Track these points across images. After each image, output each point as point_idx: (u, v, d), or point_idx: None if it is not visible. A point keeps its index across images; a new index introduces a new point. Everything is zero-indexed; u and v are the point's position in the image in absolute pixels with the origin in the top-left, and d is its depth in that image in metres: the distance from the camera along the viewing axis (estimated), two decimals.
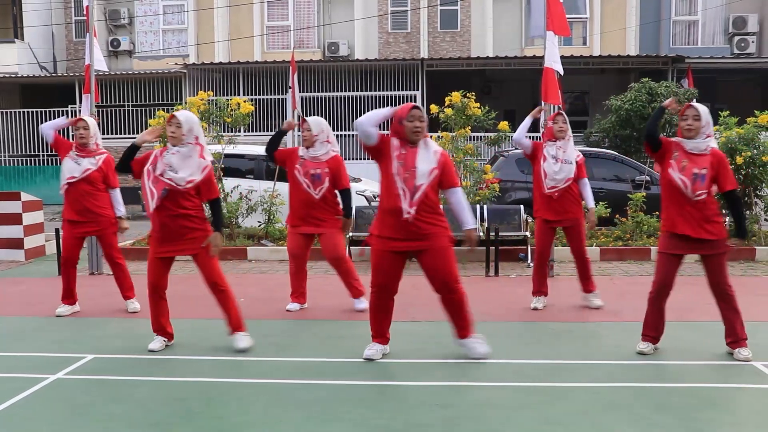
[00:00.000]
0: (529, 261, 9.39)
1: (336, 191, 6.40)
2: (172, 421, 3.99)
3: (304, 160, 6.35)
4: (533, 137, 7.70)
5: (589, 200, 6.69)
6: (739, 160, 9.62)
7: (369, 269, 5.17)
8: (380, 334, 5.15)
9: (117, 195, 6.79)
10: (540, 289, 6.75)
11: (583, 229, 6.66)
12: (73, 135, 6.68)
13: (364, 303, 6.38)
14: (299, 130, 6.68)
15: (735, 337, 5.17)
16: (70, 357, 5.21)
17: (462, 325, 5.10)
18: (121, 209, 6.78)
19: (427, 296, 7.40)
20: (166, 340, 5.44)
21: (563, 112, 6.75)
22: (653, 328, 5.24)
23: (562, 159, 6.49)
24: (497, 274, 8.58)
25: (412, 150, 4.84)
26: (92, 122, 6.66)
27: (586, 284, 6.76)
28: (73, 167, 6.49)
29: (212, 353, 5.33)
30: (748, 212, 10.33)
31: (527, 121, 6.87)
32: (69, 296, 6.66)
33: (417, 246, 4.89)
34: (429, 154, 4.85)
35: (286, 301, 7.16)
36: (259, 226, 10.73)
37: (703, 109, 4.96)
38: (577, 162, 6.55)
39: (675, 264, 5.13)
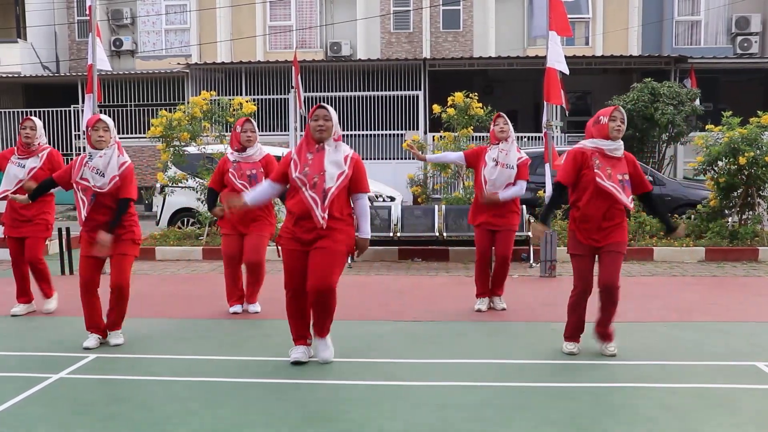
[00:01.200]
0: (531, 261, 9.38)
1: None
2: (174, 420, 3.99)
3: (238, 163, 6.39)
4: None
5: (505, 195, 6.47)
6: (742, 160, 9.61)
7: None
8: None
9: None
10: (484, 291, 6.69)
11: (513, 236, 6.60)
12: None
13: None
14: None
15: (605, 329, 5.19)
16: (72, 356, 5.21)
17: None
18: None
19: (428, 297, 7.42)
20: (100, 337, 5.51)
21: (504, 114, 6.70)
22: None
23: (503, 163, 6.43)
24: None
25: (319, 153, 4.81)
26: (38, 123, 6.60)
27: (499, 288, 6.71)
28: (17, 171, 6.42)
29: (214, 353, 5.33)
30: (750, 213, 10.32)
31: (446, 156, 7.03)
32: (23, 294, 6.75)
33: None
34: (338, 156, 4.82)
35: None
36: None
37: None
38: (518, 165, 6.48)
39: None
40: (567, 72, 8.37)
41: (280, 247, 4.95)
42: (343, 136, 11.58)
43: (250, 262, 6.51)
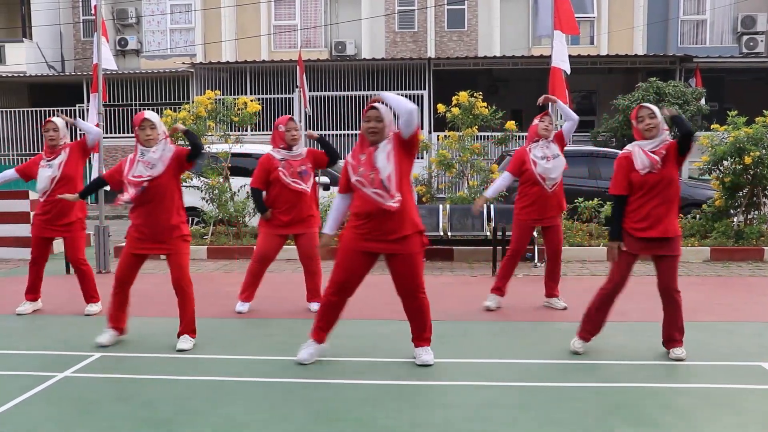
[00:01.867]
0: (536, 261, 9.37)
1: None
2: (179, 419, 4.00)
3: (286, 161, 6.34)
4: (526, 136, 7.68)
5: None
6: (748, 160, 9.57)
7: None
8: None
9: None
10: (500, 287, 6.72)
11: (561, 227, 6.73)
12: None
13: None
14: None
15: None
16: (77, 355, 5.23)
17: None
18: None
19: (431, 296, 7.40)
20: (116, 334, 5.53)
21: (551, 113, 6.71)
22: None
23: (550, 156, 6.46)
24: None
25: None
26: (61, 123, 6.59)
27: (554, 288, 6.75)
28: (47, 171, 6.46)
29: (218, 352, 5.34)
30: (756, 212, 10.28)
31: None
32: (33, 291, 6.75)
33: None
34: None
35: (293, 299, 7.18)
36: None
37: (655, 108, 4.98)
38: (555, 135, 6.54)
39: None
40: (569, 71, 8.36)
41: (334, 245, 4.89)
42: (347, 135, 11.63)
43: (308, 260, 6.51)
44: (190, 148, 5.26)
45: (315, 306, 6.52)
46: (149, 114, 5.28)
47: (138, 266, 5.50)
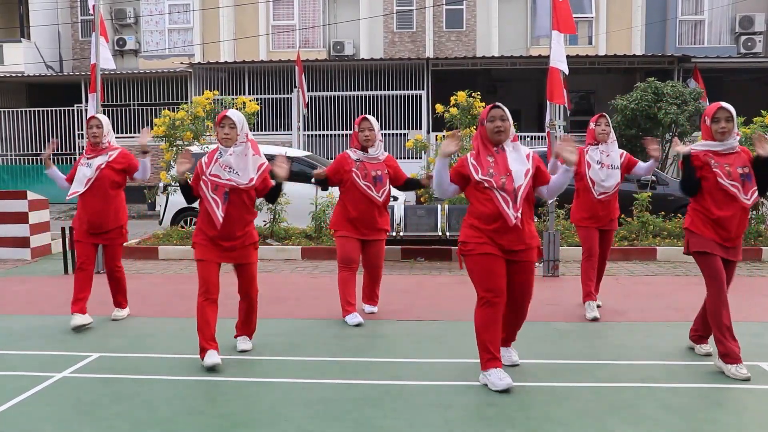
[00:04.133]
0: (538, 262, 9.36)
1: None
2: (177, 419, 4.00)
3: (362, 162, 6.11)
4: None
5: (646, 170, 6.39)
6: None
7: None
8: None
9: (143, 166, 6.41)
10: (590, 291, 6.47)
11: (612, 236, 6.57)
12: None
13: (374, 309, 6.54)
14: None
15: None
16: (75, 356, 5.22)
17: None
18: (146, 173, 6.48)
19: (431, 296, 7.41)
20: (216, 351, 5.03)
21: (606, 115, 6.43)
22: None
23: (608, 164, 6.24)
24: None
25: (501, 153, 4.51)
26: (104, 119, 6.32)
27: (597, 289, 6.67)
28: (86, 170, 6.13)
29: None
30: (754, 212, 10.29)
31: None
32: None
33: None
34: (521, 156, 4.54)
35: (291, 300, 7.18)
36: (265, 225, 10.74)
37: (732, 108, 4.84)
38: (622, 161, 6.33)
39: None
40: (566, 72, 8.36)
41: (463, 256, 4.62)
42: (346, 135, 11.55)
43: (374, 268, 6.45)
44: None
45: (370, 308, 6.52)
46: (232, 113, 4.97)
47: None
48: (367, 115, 6.19)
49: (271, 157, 5.38)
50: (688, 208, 5.05)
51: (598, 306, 6.55)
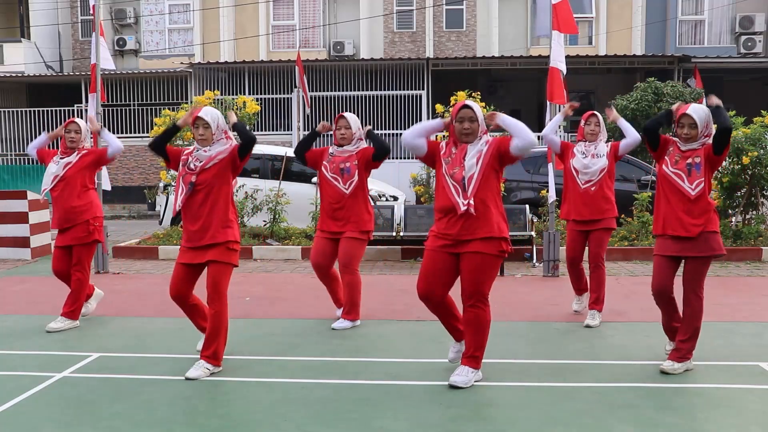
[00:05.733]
0: (534, 261, 9.37)
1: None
2: (177, 419, 4.00)
3: (333, 156, 6.04)
4: (538, 137, 7.66)
5: (627, 140, 6.18)
6: (746, 160, 9.58)
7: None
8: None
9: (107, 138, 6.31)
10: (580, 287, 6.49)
11: (607, 236, 6.29)
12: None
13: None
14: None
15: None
16: (75, 355, 5.22)
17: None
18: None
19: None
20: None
21: (597, 113, 6.33)
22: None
23: (593, 153, 6.11)
24: (502, 273, 8.56)
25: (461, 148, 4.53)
26: (83, 124, 6.29)
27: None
28: (54, 168, 6.13)
29: None
30: (754, 212, 10.29)
31: (558, 118, 6.58)
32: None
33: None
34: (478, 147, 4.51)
35: (291, 300, 7.18)
36: (265, 225, 10.74)
37: (699, 115, 4.77)
38: (608, 151, 6.16)
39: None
40: (564, 72, 8.36)
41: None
42: None
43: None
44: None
45: (339, 313, 6.20)
46: (204, 112, 4.79)
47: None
48: (345, 113, 6.11)
49: (272, 158, 5.36)
50: None
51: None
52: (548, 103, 8.58)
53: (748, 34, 20.60)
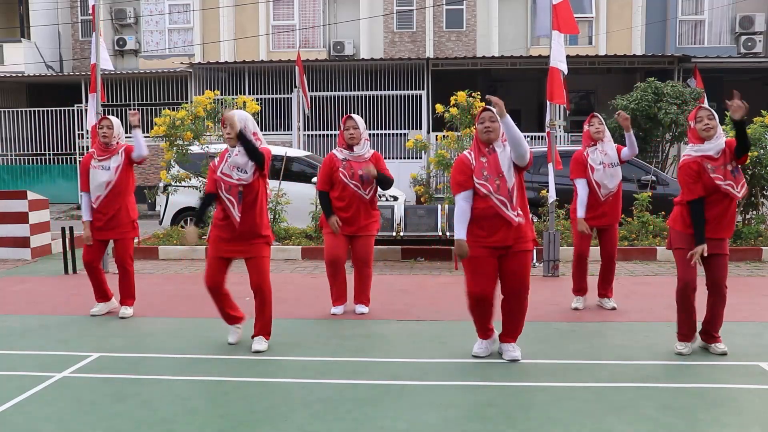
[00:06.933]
0: (534, 261, 9.37)
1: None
2: (177, 419, 4.00)
3: (348, 161, 6.23)
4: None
5: (628, 148, 6.47)
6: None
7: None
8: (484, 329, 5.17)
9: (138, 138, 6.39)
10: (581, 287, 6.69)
11: (615, 233, 6.66)
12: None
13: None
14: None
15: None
16: (75, 355, 5.22)
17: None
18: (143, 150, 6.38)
19: (431, 296, 7.41)
20: (239, 326, 5.54)
21: (598, 114, 6.61)
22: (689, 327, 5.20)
23: (608, 163, 6.35)
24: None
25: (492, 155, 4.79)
26: (116, 121, 6.43)
27: (606, 289, 6.69)
28: (102, 174, 6.28)
29: (217, 352, 5.34)
30: (754, 212, 10.29)
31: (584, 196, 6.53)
32: (102, 295, 6.63)
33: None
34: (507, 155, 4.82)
35: (291, 300, 7.18)
36: None
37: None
38: (618, 154, 6.44)
39: None
40: (566, 72, 8.37)
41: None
42: None
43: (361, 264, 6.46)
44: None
45: (360, 308, 6.52)
46: (233, 113, 5.10)
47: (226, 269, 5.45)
48: (353, 114, 6.33)
49: (272, 157, 5.43)
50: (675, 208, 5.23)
51: (613, 308, 6.59)
52: (548, 103, 8.59)
53: (748, 34, 20.60)
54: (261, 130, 6.49)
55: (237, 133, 5.05)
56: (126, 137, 6.63)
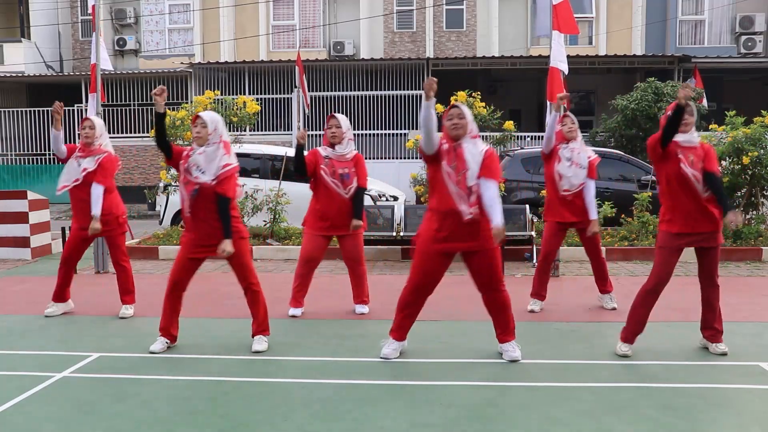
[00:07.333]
0: (534, 261, 9.36)
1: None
2: (177, 419, 4.00)
3: (330, 159, 6.27)
4: (539, 137, 7.63)
5: (592, 208, 6.47)
6: (746, 160, 9.58)
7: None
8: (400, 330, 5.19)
9: (97, 192, 6.34)
10: (539, 292, 6.71)
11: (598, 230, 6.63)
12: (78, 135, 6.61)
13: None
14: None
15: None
16: (75, 355, 5.23)
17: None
18: (96, 209, 6.35)
19: (431, 296, 7.40)
20: (168, 341, 5.40)
21: (570, 113, 6.68)
22: (641, 324, 5.23)
23: (576, 162, 6.41)
24: (503, 273, 8.54)
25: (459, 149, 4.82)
26: (99, 122, 6.54)
27: (604, 285, 6.70)
28: (74, 169, 6.38)
29: (217, 352, 5.34)
30: (754, 212, 10.29)
31: (554, 117, 6.54)
32: (60, 295, 6.60)
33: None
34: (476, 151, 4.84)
35: None
36: (265, 225, 10.74)
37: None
38: (589, 163, 6.49)
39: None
40: (566, 72, 8.37)
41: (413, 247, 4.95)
42: None
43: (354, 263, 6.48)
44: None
45: (360, 308, 6.56)
46: (204, 114, 5.19)
47: (193, 270, 5.44)
48: (336, 114, 6.41)
49: (272, 157, 5.43)
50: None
51: (613, 309, 6.58)
52: (548, 102, 8.58)
53: (748, 34, 20.60)
54: (261, 130, 6.51)
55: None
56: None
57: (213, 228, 5.15)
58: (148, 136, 11.38)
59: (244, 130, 12.30)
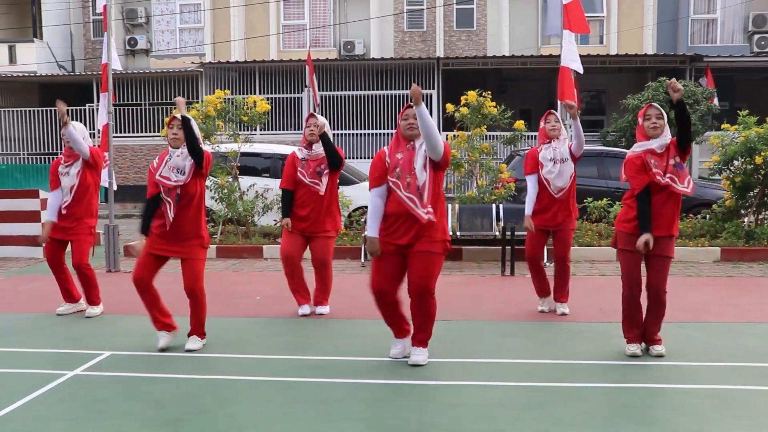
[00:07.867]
0: (545, 260, 9.33)
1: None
2: (187, 418, 4.02)
3: (306, 161, 6.32)
4: (535, 136, 7.60)
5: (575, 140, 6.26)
6: (758, 159, 9.51)
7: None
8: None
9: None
10: (543, 290, 6.62)
11: (570, 235, 6.49)
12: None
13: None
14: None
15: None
16: (87, 354, 5.26)
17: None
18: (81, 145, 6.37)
19: (439, 296, 7.39)
20: (167, 332, 5.44)
21: (555, 112, 6.60)
22: (639, 324, 5.20)
23: (559, 159, 6.28)
24: (513, 273, 8.55)
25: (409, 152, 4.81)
26: (80, 126, 6.51)
27: (562, 292, 6.54)
28: (67, 180, 6.41)
29: (227, 351, 5.36)
30: (766, 212, 10.21)
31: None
32: (68, 296, 6.66)
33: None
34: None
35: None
36: (275, 224, 10.76)
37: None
38: (569, 149, 6.30)
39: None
40: (581, 71, 8.34)
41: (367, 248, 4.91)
42: (356, 135, 11.61)
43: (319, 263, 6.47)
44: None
45: (320, 309, 6.53)
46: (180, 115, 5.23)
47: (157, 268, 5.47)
48: (315, 113, 6.46)
49: (282, 157, 5.46)
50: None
51: (564, 314, 6.46)
52: (559, 102, 8.56)
53: (761, 32, 20.44)
54: (271, 129, 6.55)
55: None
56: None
57: (184, 232, 5.25)
58: (159, 136, 11.41)
59: (255, 130, 12.33)
